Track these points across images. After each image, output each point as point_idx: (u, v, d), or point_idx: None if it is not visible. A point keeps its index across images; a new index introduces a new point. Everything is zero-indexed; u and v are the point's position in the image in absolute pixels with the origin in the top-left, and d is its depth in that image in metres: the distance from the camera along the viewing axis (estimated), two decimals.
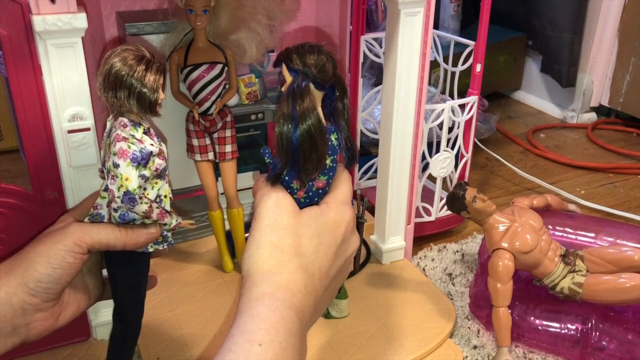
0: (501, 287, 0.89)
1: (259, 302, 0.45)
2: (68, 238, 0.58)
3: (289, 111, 0.48)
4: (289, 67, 0.51)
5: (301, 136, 0.48)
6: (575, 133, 1.85)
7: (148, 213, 0.60)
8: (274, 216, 0.49)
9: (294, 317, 0.45)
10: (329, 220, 0.50)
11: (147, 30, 0.95)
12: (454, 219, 1.22)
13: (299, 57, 0.51)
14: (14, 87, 0.72)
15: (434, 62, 1.27)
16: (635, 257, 0.87)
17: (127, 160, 0.57)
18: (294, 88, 0.49)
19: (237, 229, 1.02)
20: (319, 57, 0.51)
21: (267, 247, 0.48)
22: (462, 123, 1.14)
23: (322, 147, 0.50)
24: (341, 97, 0.54)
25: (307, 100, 0.49)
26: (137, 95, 0.57)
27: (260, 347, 0.42)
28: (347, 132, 0.54)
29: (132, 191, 0.58)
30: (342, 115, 0.54)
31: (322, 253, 0.49)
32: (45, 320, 0.59)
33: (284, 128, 0.48)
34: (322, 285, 0.49)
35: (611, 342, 0.87)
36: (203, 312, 0.93)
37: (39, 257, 0.57)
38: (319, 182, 0.52)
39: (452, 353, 0.89)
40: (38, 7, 0.67)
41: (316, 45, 0.52)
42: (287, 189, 0.52)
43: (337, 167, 0.54)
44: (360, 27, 1.17)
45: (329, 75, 0.51)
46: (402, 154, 1.00)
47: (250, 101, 1.08)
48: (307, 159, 0.49)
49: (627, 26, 1.76)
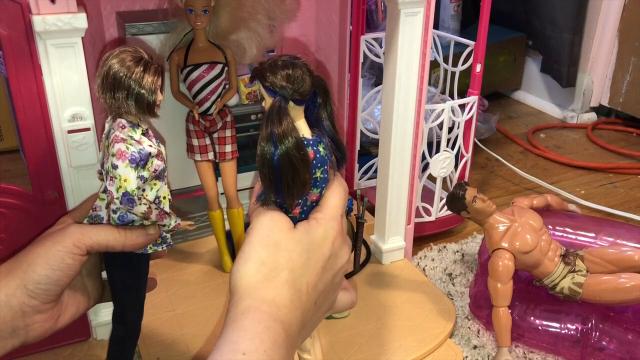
0: (501, 287, 0.89)
1: (244, 316, 0.45)
2: (67, 239, 0.58)
3: (268, 136, 0.47)
4: (264, 86, 0.50)
5: (282, 161, 0.47)
6: (575, 133, 1.85)
7: (147, 214, 0.60)
8: (267, 231, 0.49)
9: (279, 328, 0.45)
10: (317, 237, 0.50)
11: (147, 30, 0.95)
12: (454, 219, 1.22)
13: (272, 75, 0.49)
14: (14, 87, 0.72)
15: (434, 62, 1.27)
16: (635, 257, 0.88)
17: (125, 161, 0.57)
18: (271, 112, 0.48)
19: (237, 229, 1.02)
20: (294, 72, 0.49)
21: (255, 263, 0.48)
22: (462, 123, 1.14)
23: (304, 173, 0.49)
24: (324, 103, 0.52)
25: (285, 122, 0.48)
26: (135, 97, 0.57)
27: (244, 355, 0.42)
28: (332, 132, 0.53)
29: (130, 192, 0.58)
30: (327, 119, 0.53)
31: (310, 268, 0.49)
32: (45, 322, 0.59)
33: (265, 154, 0.47)
34: (310, 300, 0.49)
35: (611, 342, 0.87)
36: (203, 312, 0.93)
37: (38, 258, 0.57)
38: (312, 195, 0.52)
39: (452, 353, 0.89)
40: (38, 7, 0.67)
41: (289, 59, 0.50)
42: (281, 209, 0.52)
43: (329, 176, 0.53)
44: (360, 27, 1.18)
45: (307, 89, 0.50)
46: (402, 154, 1.00)
47: (250, 101, 1.08)
48: (290, 185, 0.48)
49: (627, 26, 1.76)
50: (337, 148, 0.53)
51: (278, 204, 0.51)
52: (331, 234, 0.51)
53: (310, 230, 0.50)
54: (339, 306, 0.56)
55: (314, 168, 0.50)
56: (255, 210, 0.52)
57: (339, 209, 0.53)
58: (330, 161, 0.52)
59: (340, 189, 0.53)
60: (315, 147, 0.51)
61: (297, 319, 0.48)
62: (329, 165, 0.52)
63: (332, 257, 0.51)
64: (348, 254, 0.54)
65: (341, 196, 0.53)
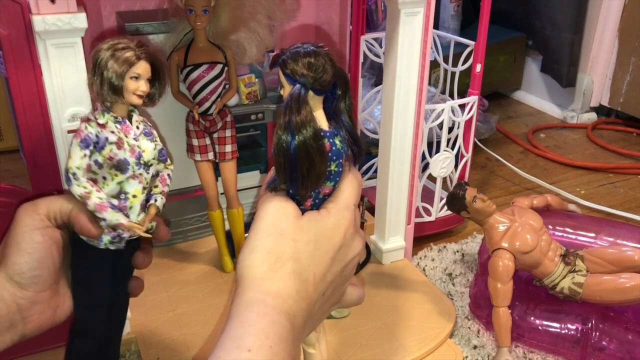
0: (501, 287, 0.89)
1: (248, 309, 0.44)
2: (27, 217, 0.56)
3: (285, 125, 0.47)
4: (285, 74, 0.49)
5: (298, 151, 0.47)
6: (575, 133, 1.85)
7: (84, 198, 0.58)
8: (273, 219, 0.48)
9: (284, 321, 0.44)
10: (327, 226, 0.49)
11: (147, 30, 0.95)
12: (454, 219, 1.22)
13: (294, 63, 0.48)
14: (14, 87, 0.72)
15: (434, 62, 1.27)
16: (635, 257, 0.88)
17: (77, 139, 0.57)
18: (290, 100, 0.47)
19: (237, 229, 1.02)
20: (317, 60, 0.48)
21: (261, 252, 0.47)
22: (462, 123, 1.14)
23: (320, 164, 0.48)
24: (343, 95, 0.51)
25: (303, 112, 0.47)
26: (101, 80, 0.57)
27: (249, 352, 0.42)
28: (350, 126, 0.52)
29: (69, 169, 0.57)
30: (345, 113, 0.52)
31: (318, 259, 0.48)
32: (43, 313, 0.58)
33: (281, 142, 0.47)
34: (317, 291, 0.48)
35: (611, 342, 0.87)
36: (203, 312, 0.93)
37: (10, 248, 0.55)
38: (326, 188, 0.51)
39: (452, 353, 0.89)
40: (38, 7, 0.67)
41: (312, 48, 0.49)
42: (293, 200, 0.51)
43: (344, 170, 0.52)
44: (360, 27, 1.18)
45: (328, 79, 0.49)
46: (402, 154, 1.00)
47: (250, 101, 1.08)
48: (305, 176, 0.48)
49: (627, 26, 1.76)
50: (354, 142, 0.52)
51: (290, 195, 0.50)
52: (343, 223, 0.50)
53: (320, 220, 0.49)
54: (348, 300, 0.54)
55: (329, 161, 0.50)
56: (262, 196, 0.51)
57: (352, 199, 0.51)
58: (347, 155, 0.51)
59: (355, 181, 0.52)
60: (331, 139, 0.50)
61: (303, 310, 0.47)
62: (344, 158, 0.51)
63: (344, 248, 0.50)
64: (361, 245, 0.52)
65: (355, 187, 0.52)
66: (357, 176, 0.53)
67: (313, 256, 0.48)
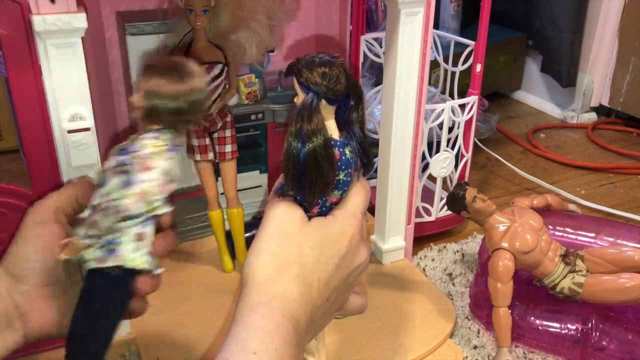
0: (501, 287, 0.89)
1: (253, 311, 0.45)
2: (31, 212, 0.56)
3: (296, 132, 0.47)
4: (299, 82, 0.50)
5: (308, 158, 0.47)
6: (576, 133, 1.85)
7: None
8: (279, 223, 0.49)
9: (288, 325, 0.45)
10: (333, 232, 0.49)
11: (147, 30, 0.95)
12: (454, 219, 1.22)
13: (309, 72, 0.49)
14: (14, 87, 0.72)
15: (434, 62, 1.27)
16: (635, 257, 0.87)
17: None
18: (302, 108, 0.48)
19: (237, 229, 1.02)
20: (331, 70, 0.49)
21: (267, 256, 0.47)
22: (462, 123, 1.14)
23: (328, 173, 0.48)
24: (356, 106, 0.52)
25: (315, 120, 0.47)
26: None
27: (255, 355, 0.42)
28: (361, 137, 0.52)
29: None
30: (357, 124, 0.52)
31: (322, 264, 0.48)
32: (43, 313, 0.56)
33: (292, 149, 0.47)
34: (321, 296, 0.48)
35: (611, 342, 0.87)
36: (203, 312, 0.93)
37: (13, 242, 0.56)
38: (333, 197, 0.51)
39: (452, 353, 0.89)
40: (38, 7, 0.67)
41: (327, 57, 0.50)
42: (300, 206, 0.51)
43: (352, 180, 0.52)
44: (360, 27, 1.18)
45: (342, 89, 0.50)
46: (402, 154, 1.00)
47: (250, 101, 1.08)
48: (313, 183, 0.48)
49: (627, 26, 1.76)
50: (363, 153, 0.53)
51: (298, 201, 0.51)
52: (349, 230, 0.50)
53: (326, 225, 0.49)
54: (350, 308, 0.55)
55: (338, 170, 0.50)
56: (270, 201, 0.51)
57: (359, 208, 0.52)
58: (356, 165, 0.52)
59: (363, 191, 0.53)
60: (341, 148, 0.50)
61: (306, 314, 0.47)
62: (353, 168, 0.51)
63: (349, 255, 0.50)
64: (366, 254, 0.53)
65: (363, 197, 0.52)
66: (365, 186, 0.53)
67: (318, 261, 0.48)
